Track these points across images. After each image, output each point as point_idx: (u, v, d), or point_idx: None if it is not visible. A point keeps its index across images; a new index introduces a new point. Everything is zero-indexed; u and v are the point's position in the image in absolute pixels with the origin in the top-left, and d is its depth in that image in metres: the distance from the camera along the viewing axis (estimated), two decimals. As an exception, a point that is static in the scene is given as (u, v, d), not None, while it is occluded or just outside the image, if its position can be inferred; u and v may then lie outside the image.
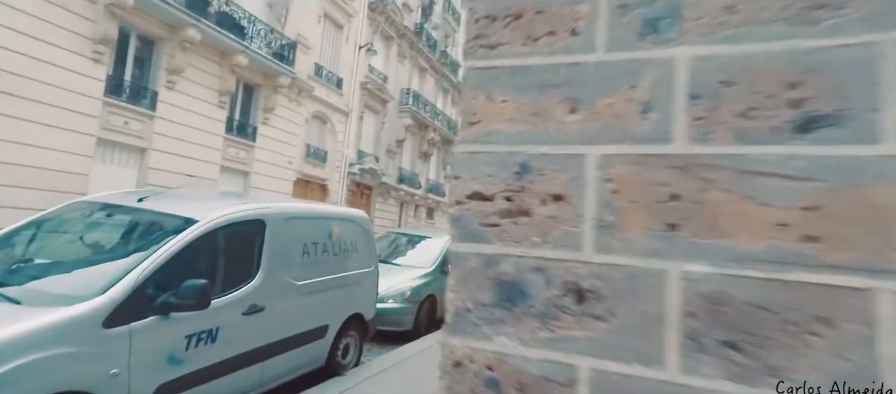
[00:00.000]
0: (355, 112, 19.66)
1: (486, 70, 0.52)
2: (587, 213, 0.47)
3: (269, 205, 4.17)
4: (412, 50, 24.14)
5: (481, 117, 0.53)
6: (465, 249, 0.52)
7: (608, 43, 0.48)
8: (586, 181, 0.48)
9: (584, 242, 0.47)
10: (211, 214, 3.56)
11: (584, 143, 0.48)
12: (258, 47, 13.82)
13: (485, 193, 0.51)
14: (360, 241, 5.36)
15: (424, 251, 8.53)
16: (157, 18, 11.32)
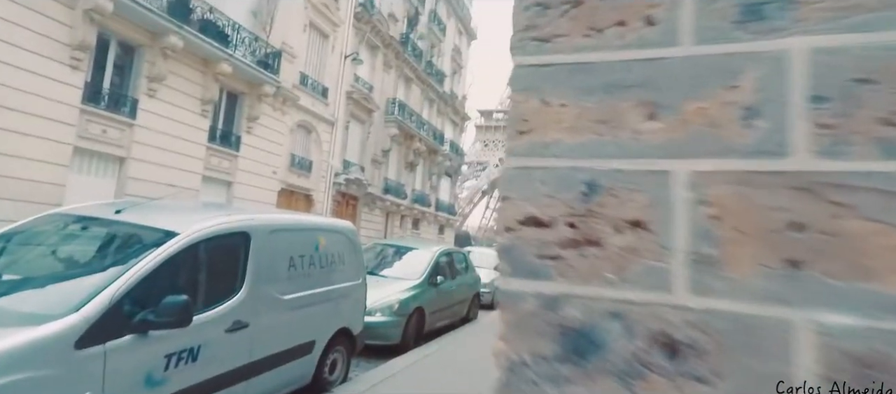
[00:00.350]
0: (341, 122, 19.49)
1: (538, 68, 0.43)
2: (677, 244, 0.38)
3: (254, 216, 4.02)
4: (398, 60, 24.11)
5: (535, 125, 0.43)
6: (519, 286, 0.42)
7: (696, 34, 0.39)
8: (673, 204, 0.38)
9: (674, 282, 0.37)
10: (193, 227, 3.41)
11: (667, 156, 0.39)
12: (242, 55, 13.63)
13: (542, 218, 0.42)
14: (348, 253, 5.23)
15: (412, 263, 8.40)
16: (137, 25, 11.08)
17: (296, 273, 4.30)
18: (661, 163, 0.39)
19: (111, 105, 11.03)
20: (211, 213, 4.03)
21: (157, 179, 11.93)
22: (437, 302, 8.03)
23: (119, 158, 11.34)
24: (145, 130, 11.62)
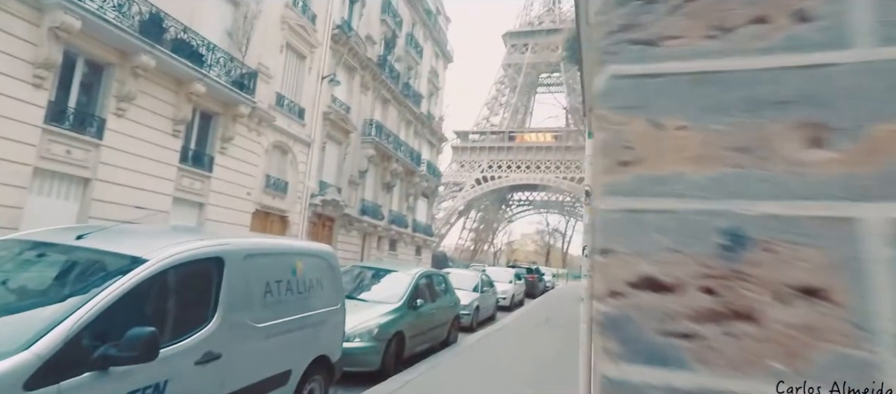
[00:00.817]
0: (317, 142, 19.26)
1: (644, 79, 0.34)
2: (881, 324, 0.26)
3: (228, 241, 3.82)
4: (375, 81, 24.13)
5: (644, 154, 0.33)
6: (639, 375, 0.29)
7: (878, 31, 0.28)
8: (867, 265, 0.27)
9: (887, 378, 0.25)
10: (162, 253, 3.20)
11: (850, 198, 0.27)
12: (217, 75, 13.37)
13: (664, 280, 0.30)
14: (326, 277, 5.04)
15: (391, 286, 8.20)
16: (107, 44, 10.74)
17: (272, 300, 4.09)
18: (840, 207, 0.28)
19: (76, 125, 10.59)
20: (181, 237, 3.81)
21: (124, 200, 11.46)
22: (417, 326, 7.83)
23: (83, 180, 10.86)
24: (112, 150, 11.19)
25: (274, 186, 16.88)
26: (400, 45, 27.26)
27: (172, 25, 11.99)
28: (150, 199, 12.15)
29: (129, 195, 11.59)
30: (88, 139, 10.73)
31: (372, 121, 23.47)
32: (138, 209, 11.82)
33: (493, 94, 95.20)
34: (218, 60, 13.52)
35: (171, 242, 3.51)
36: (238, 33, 14.66)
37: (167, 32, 11.80)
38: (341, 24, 20.82)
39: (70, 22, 9.45)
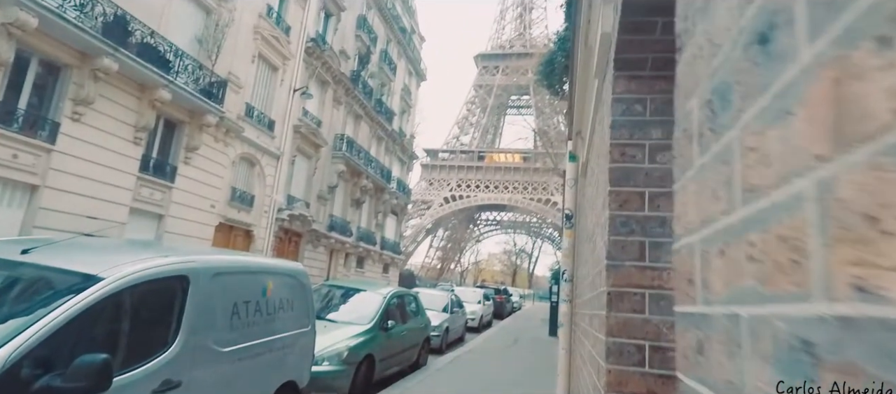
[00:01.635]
0: (287, 156, 18.82)
1: None
2: None
3: (195, 257, 3.56)
4: (348, 96, 23.93)
5: None
6: None
7: None
8: None
9: None
10: (120, 270, 2.93)
11: None
12: (184, 83, 12.90)
13: None
14: (297, 297, 4.79)
15: (361, 306, 7.94)
16: (65, 44, 10.21)
17: (239, 322, 3.83)
18: None
19: (26, 128, 9.94)
20: (143, 253, 3.53)
21: (75, 210, 10.79)
22: (387, 348, 7.59)
23: (31, 186, 10.16)
24: (66, 156, 10.54)
25: (239, 198, 16.32)
26: (374, 62, 27.22)
27: (139, 29, 11.53)
28: (105, 209, 11.49)
29: (81, 204, 10.91)
30: (39, 143, 10.08)
31: (343, 136, 23.19)
32: (91, 220, 11.14)
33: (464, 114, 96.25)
34: (186, 67, 13.07)
35: (130, 257, 3.23)
36: (208, 41, 14.26)
37: (133, 36, 11.33)
38: (316, 37, 20.62)
39: (25, 19, 8.93)
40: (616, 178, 1.51)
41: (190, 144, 13.93)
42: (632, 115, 1.57)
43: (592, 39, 2.07)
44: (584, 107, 2.89)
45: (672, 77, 1.66)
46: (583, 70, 2.46)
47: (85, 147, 10.92)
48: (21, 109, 9.91)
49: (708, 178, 0.43)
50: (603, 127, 1.97)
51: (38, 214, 10.18)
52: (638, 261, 1.41)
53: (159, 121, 13.15)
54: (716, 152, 0.41)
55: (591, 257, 2.15)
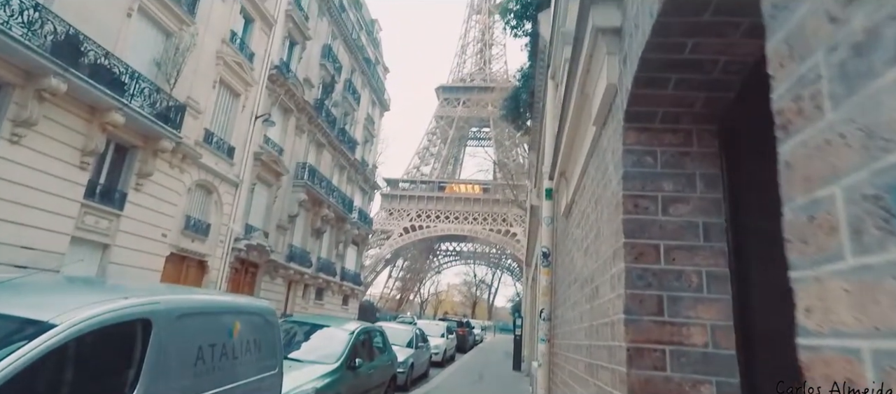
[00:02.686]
0: (246, 183, 18.23)
1: None
2: None
3: (158, 299, 3.30)
4: (311, 125, 23.64)
5: None
6: None
7: None
8: None
9: None
10: (75, 315, 2.66)
11: None
12: (140, 106, 12.35)
13: None
14: (265, 338, 4.53)
15: (327, 343, 7.60)
16: (8, 62, 9.57)
17: (204, 367, 3.56)
18: None
19: (-41, 149, 9.17)
20: (98, 293, 3.25)
21: (9, 239, 9.96)
22: (355, 388, 7.27)
23: (-41, 213, 9.31)
24: (1, 181, 9.75)
25: (194, 227, 15.56)
26: (338, 91, 27.13)
27: (92, 49, 11.02)
28: (43, 238, 10.66)
29: (15, 234, 10.07)
30: (-28, 167, 9.31)
31: (306, 164, 22.76)
32: (25, 250, 10.29)
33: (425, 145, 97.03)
34: (142, 90, 12.54)
35: (85, 299, 2.96)
36: (167, 64, 13.79)
37: (85, 56, 10.79)
38: (280, 64, 20.39)
39: (-33, 35, 8.35)
40: (630, 229, 1.51)
41: (142, 169, 13.25)
42: (643, 166, 1.58)
43: (591, 88, 2.11)
44: (571, 150, 2.93)
45: (680, 131, 1.71)
46: (575, 115, 2.50)
47: (23, 171, 10.16)
48: (-46, 130, 9.16)
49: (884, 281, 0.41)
50: (604, 174, 1.99)
51: (-34, 243, 9.30)
52: (656, 316, 1.40)
53: (110, 145, 12.47)
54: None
55: (590, 305, 2.14)
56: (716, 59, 1.36)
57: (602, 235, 1.95)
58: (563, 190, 3.52)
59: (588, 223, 2.41)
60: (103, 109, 11.41)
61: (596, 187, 2.22)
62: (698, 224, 1.46)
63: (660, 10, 1.25)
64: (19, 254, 10.21)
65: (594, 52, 1.99)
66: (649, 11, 1.36)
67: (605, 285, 1.77)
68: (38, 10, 9.73)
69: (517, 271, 71.04)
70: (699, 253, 1.43)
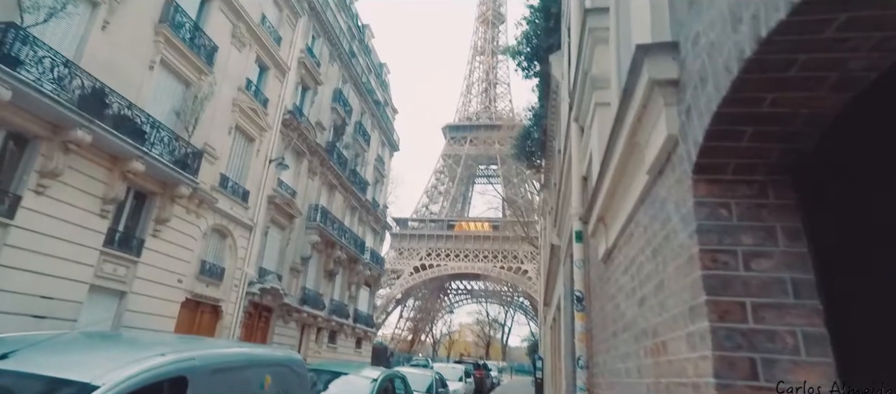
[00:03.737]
0: (260, 227, 18.31)
1: None
2: None
3: (194, 354, 3.24)
4: (323, 167, 23.92)
5: None
6: None
7: None
8: None
9: None
10: (116, 375, 2.61)
11: None
12: (159, 154, 12.59)
13: None
14: (293, 390, 4.42)
15: (348, 392, 7.41)
16: (37, 116, 9.86)
17: (236, 425, 3.45)
18: None
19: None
20: (134, 350, 3.21)
21: (28, 289, 9.98)
22: (377, 441, 7.02)
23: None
24: (23, 231, 9.87)
25: (209, 272, 15.55)
26: (348, 133, 27.58)
27: (116, 101, 11.34)
28: (62, 287, 10.68)
29: (35, 283, 10.10)
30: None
31: (318, 206, 22.89)
32: (44, 299, 10.29)
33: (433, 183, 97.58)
34: (162, 138, 12.82)
35: (123, 357, 2.91)
36: (186, 113, 14.14)
37: (110, 108, 11.11)
38: (293, 109, 20.84)
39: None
40: (711, 286, 1.46)
41: (160, 216, 13.38)
42: (718, 219, 1.55)
43: (643, 137, 2.10)
44: (613, 197, 2.91)
45: (754, 182, 1.68)
46: (621, 163, 2.48)
47: (46, 221, 10.29)
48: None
49: None
50: (665, 225, 1.95)
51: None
52: (751, 380, 1.33)
53: (129, 192, 12.65)
54: None
55: (653, 360, 2.05)
56: (796, 113, 1.34)
57: (667, 288, 1.89)
58: (600, 235, 3.46)
59: (642, 273, 2.35)
60: (125, 158, 11.64)
61: (651, 237, 2.18)
62: (786, 280, 1.41)
63: (742, 67, 1.25)
64: (38, 304, 10.21)
65: (648, 103, 1.99)
66: (724, 67, 1.36)
67: (679, 343, 1.70)
68: (67, 65, 10.09)
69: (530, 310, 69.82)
70: (790, 311, 1.37)
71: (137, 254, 12.83)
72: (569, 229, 7.25)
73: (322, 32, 24.26)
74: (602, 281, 3.72)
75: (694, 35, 1.65)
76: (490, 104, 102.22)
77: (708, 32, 1.49)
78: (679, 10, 1.89)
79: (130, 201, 12.85)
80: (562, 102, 10.55)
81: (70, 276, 10.86)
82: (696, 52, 1.61)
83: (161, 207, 13.38)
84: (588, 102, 4.32)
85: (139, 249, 12.90)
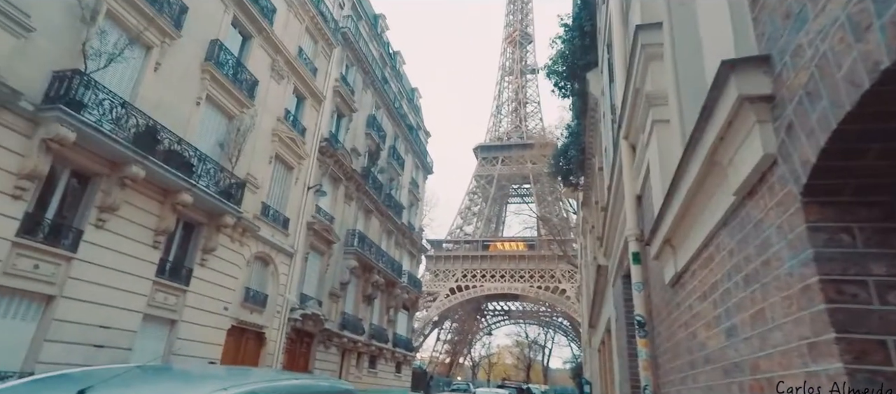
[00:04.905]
0: (300, 253, 18.63)
1: None
2: None
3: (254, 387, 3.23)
4: (359, 192, 24.26)
5: None
6: None
7: None
8: None
9: None
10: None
11: None
12: (206, 185, 13.06)
13: None
14: (348, 423, 4.34)
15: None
16: (98, 155, 10.42)
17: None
18: None
19: (51, 237, 9.84)
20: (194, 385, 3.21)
21: (88, 319, 10.40)
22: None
23: (46, 297, 9.84)
24: (85, 264, 10.35)
25: (253, 299, 15.87)
26: (383, 158, 27.96)
27: (167, 137, 11.88)
28: (119, 317, 11.09)
29: (94, 313, 10.53)
30: (61, 252, 9.93)
31: (355, 231, 23.16)
32: (103, 329, 10.69)
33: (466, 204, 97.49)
34: (208, 170, 13.31)
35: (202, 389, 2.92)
36: (230, 145, 14.67)
37: (161, 143, 11.63)
38: (329, 137, 21.33)
39: (65, 134, 9.19)
40: (842, 322, 1.31)
41: (207, 245, 13.80)
42: (839, 246, 1.40)
43: (726, 156, 1.98)
44: (684, 219, 2.75)
45: (876, 204, 1.53)
46: (697, 183, 2.35)
47: (105, 254, 10.77)
48: (48, 219, 9.89)
49: None
50: (762, 250, 1.80)
51: (51, 326, 9.76)
52: (902, 430, 1.17)
53: (178, 223, 13.13)
54: None
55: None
56: (936, 126, 1.20)
57: (770, 319, 1.73)
58: (667, 258, 3.29)
59: (729, 301, 2.19)
60: (175, 190, 12.12)
61: (741, 262, 2.03)
62: (933, 315, 1.25)
63: (876, 79, 1.13)
64: (96, 333, 10.62)
65: (734, 120, 1.87)
66: (846, 79, 1.24)
67: (794, 380, 1.54)
68: (124, 106, 10.67)
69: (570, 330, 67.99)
70: (943, 351, 1.21)
71: (186, 283, 13.23)
72: (619, 249, 7.00)
73: (355, 61, 24.91)
74: (669, 306, 3.52)
75: (794, 47, 1.53)
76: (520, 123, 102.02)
77: (817, 43, 1.37)
78: (767, 23, 1.77)
79: (180, 232, 13.33)
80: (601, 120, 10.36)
81: (126, 305, 11.28)
82: (799, 65, 1.49)
83: (208, 237, 13.81)
84: (641, 120, 4.18)
85: (188, 278, 13.31)
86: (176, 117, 12.69)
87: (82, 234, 10.33)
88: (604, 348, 11.11)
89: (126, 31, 11.24)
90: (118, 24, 11.16)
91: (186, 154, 12.55)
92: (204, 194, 12.85)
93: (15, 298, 9.40)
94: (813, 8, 1.44)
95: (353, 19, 24.83)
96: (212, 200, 13.24)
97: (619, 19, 5.97)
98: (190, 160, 12.64)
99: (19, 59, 9.08)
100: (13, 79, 8.90)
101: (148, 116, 11.38)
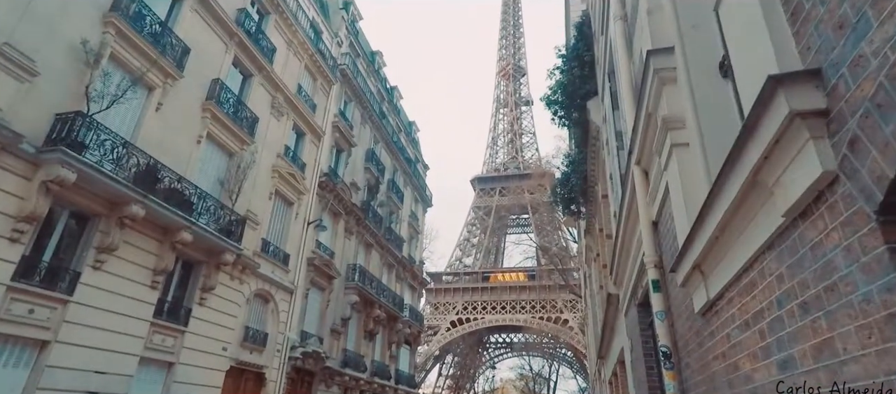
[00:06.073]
0: (300, 289, 18.30)
1: None
2: None
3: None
4: (359, 226, 24.08)
5: None
6: None
7: None
8: None
9: None
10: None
11: None
12: (206, 223, 12.89)
13: None
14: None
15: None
16: (98, 195, 10.30)
17: None
18: None
19: (47, 281, 9.60)
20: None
21: (83, 365, 10.06)
22: None
23: (40, 343, 9.52)
24: (81, 307, 10.08)
25: (252, 338, 15.46)
26: (382, 191, 27.90)
27: (167, 175, 11.79)
28: (115, 361, 10.73)
29: (89, 358, 10.18)
30: (57, 295, 9.67)
31: (356, 265, 22.86)
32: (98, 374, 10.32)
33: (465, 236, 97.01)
34: (208, 208, 13.17)
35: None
36: (230, 181, 14.58)
37: (161, 182, 11.53)
38: (328, 171, 21.30)
39: (65, 175, 9.09)
40: (940, 352, 1.19)
41: (206, 284, 13.53)
42: (929, 269, 1.29)
43: (772, 176, 1.89)
44: (718, 243, 2.65)
45: None
46: (735, 205, 2.26)
47: (103, 296, 10.51)
48: (44, 262, 9.68)
49: None
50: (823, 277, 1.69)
51: (44, 372, 9.41)
52: None
53: (177, 262, 12.90)
54: None
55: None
56: None
57: (840, 352, 1.60)
58: (696, 285, 3.16)
59: (780, 330, 2.05)
60: (174, 228, 11.95)
61: (794, 289, 1.91)
62: None
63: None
64: (91, 379, 10.25)
65: (782, 137, 1.78)
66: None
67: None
68: (125, 146, 10.62)
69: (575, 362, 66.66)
70: None
71: (185, 323, 12.89)
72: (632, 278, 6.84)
73: (354, 97, 25.15)
74: (700, 336, 3.36)
75: (853, 58, 1.46)
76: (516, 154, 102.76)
77: (887, 52, 1.29)
78: (813, 36, 1.71)
79: (178, 271, 13.08)
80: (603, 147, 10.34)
81: (123, 349, 10.93)
82: (862, 76, 1.41)
83: (207, 275, 13.55)
84: (657, 144, 4.11)
85: (186, 319, 12.98)
86: (177, 155, 12.64)
87: (79, 276, 10.10)
88: (616, 381, 10.77)
89: (129, 72, 11.31)
90: (121, 66, 11.24)
91: (187, 192, 12.44)
92: (204, 232, 12.67)
93: (7, 344, 9.09)
94: (875, 16, 1.37)
95: (350, 56, 25.22)
96: (212, 238, 13.05)
97: (623, 47, 6.00)
98: (190, 198, 12.52)
99: (23, 102, 9.07)
100: (16, 122, 8.86)
101: (149, 155, 11.32)
